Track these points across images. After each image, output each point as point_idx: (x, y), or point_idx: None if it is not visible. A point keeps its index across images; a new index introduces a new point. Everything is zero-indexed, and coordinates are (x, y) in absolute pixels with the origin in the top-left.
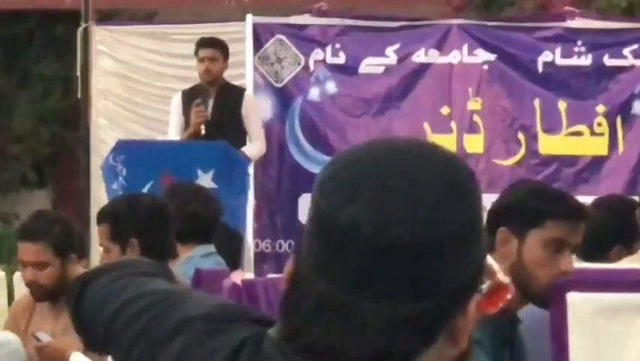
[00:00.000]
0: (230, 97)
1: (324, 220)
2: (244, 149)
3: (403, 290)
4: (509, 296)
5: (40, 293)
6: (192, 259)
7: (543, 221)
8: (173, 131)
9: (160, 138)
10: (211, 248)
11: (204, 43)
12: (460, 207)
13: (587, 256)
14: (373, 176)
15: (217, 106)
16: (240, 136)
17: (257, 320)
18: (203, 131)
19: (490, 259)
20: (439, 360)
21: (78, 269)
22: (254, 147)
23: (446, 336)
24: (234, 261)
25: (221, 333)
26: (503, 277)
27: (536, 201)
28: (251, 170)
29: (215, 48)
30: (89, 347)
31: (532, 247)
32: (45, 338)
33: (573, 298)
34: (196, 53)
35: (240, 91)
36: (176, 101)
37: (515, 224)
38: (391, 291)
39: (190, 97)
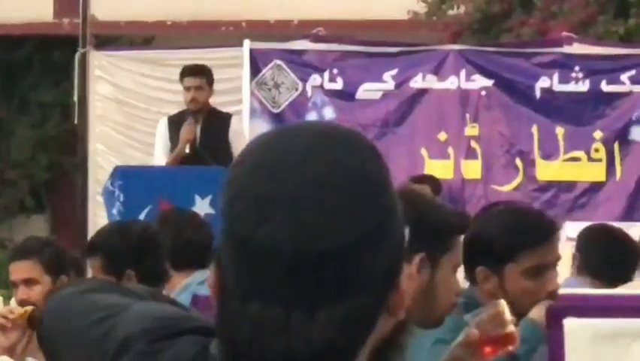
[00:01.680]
0: (218, 122)
1: (241, 243)
2: None
3: (333, 294)
4: (512, 348)
5: (34, 317)
6: (190, 287)
7: (515, 255)
8: (160, 156)
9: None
10: (207, 274)
11: (189, 71)
12: (372, 202)
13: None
14: (282, 188)
15: (204, 131)
16: (226, 161)
17: (197, 330)
18: (187, 150)
19: (503, 307)
20: (380, 333)
21: None
22: None
23: (384, 314)
24: None
25: (164, 352)
26: (513, 329)
27: (505, 238)
28: None
29: (201, 76)
30: None
31: (512, 281)
32: None
33: (570, 323)
34: (181, 80)
35: (226, 117)
36: (162, 126)
37: (490, 263)
38: (322, 297)
39: (176, 123)
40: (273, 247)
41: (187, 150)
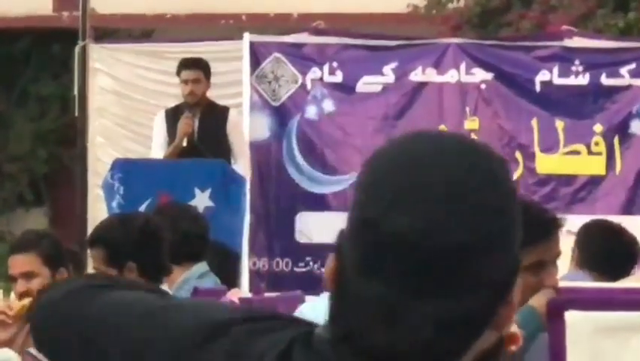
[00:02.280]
0: (215, 115)
1: (370, 225)
2: None
3: (451, 291)
4: (514, 348)
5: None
6: (190, 280)
7: None
8: (157, 149)
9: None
10: (205, 267)
11: (187, 64)
12: (500, 207)
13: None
14: (416, 181)
15: (202, 124)
16: (224, 154)
17: (291, 321)
18: (184, 143)
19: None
20: (483, 346)
21: None
22: (239, 166)
23: (491, 326)
24: (231, 280)
25: (266, 334)
26: (516, 329)
27: None
28: (248, 188)
29: (198, 69)
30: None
31: None
32: (37, 353)
33: (572, 316)
34: (178, 73)
35: (224, 110)
36: (160, 119)
37: None
38: (440, 292)
39: (173, 116)
40: (401, 233)
41: (184, 144)
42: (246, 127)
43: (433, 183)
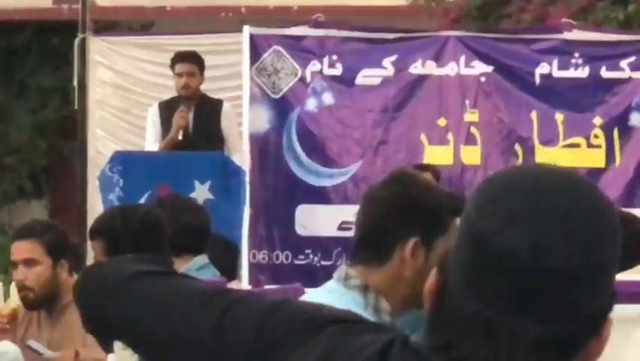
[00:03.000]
0: (209, 109)
1: (481, 242)
2: None
3: (553, 313)
4: None
5: (30, 299)
6: (189, 273)
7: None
8: (151, 142)
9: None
10: (205, 259)
11: (181, 57)
12: (608, 238)
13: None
14: (531, 203)
15: (196, 118)
16: (219, 148)
17: (383, 325)
18: (180, 137)
19: None
20: None
21: (71, 281)
22: (234, 159)
23: (579, 356)
24: (230, 272)
25: (362, 333)
26: None
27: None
28: (247, 180)
29: (193, 62)
30: (106, 342)
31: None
32: (38, 346)
33: None
34: (172, 67)
35: (218, 103)
36: (153, 112)
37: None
38: (542, 313)
39: (167, 108)
40: (512, 251)
41: (180, 137)
42: (246, 120)
43: (547, 207)
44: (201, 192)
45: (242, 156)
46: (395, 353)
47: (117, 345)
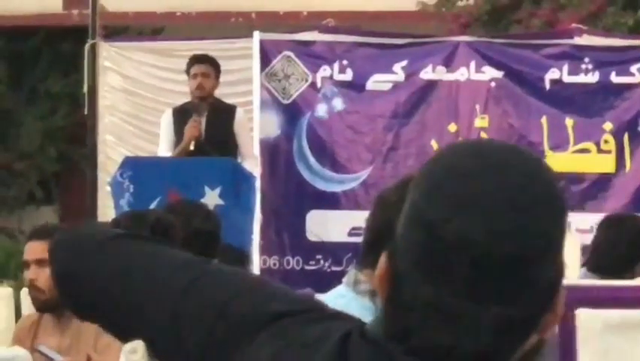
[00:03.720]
0: (222, 114)
1: (432, 230)
2: None
3: (509, 296)
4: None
5: (40, 300)
6: None
7: None
8: (164, 149)
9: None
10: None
11: (197, 59)
12: (557, 220)
13: (611, 272)
14: (477, 186)
15: (209, 123)
16: (232, 153)
17: (338, 313)
18: (192, 147)
19: None
20: (526, 347)
21: None
22: (247, 165)
23: (537, 330)
24: None
25: (319, 322)
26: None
27: None
28: (258, 186)
29: (208, 64)
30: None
31: None
32: (49, 352)
33: (582, 314)
34: (188, 69)
35: (231, 108)
36: (167, 118)
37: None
38: (499, 297)
39: (181, 114)
40: (464, 238)
41: (192, 147)
42: (256, 125)
43: (495, 190)
44: (212, 198)
45: (255, 161)
46: (354, 344)
47: (125, 349)
